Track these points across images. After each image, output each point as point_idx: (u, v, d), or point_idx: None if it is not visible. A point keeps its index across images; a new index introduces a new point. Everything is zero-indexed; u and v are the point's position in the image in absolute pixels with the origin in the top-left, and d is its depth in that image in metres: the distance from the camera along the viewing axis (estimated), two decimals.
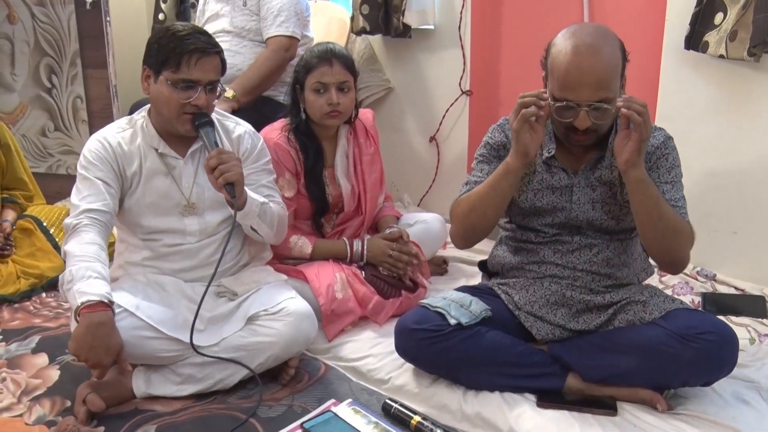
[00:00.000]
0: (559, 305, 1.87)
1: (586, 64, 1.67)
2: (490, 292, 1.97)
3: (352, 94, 2.33)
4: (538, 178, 1.90)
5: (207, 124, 1.92)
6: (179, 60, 1.85)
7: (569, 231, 1.90)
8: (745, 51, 2.25)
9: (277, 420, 1.79)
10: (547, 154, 1.88)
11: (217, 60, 1.92)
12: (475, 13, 3.11)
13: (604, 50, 1.68)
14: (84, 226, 1.84)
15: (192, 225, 2.01)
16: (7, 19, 3.60)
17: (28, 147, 3.69)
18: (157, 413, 1.82)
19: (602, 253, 1.88)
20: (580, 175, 1.87)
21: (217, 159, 1.82)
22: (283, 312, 1.93)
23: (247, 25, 2.97)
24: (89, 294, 1.69)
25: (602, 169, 1.85)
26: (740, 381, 1.86)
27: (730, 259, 2.54)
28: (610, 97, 1.69)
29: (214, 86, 1.93)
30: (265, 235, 2.05)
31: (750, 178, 2.45)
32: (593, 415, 1.73)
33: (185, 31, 1.87)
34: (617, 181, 1.83)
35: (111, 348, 1.69)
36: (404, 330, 1.86)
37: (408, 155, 3.51)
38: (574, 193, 1.87)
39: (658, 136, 1.85)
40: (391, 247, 2.35)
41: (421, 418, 1.72)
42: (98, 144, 1.95)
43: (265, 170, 2.12)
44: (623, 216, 1.86)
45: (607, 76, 1.68)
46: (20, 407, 1.88)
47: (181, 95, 1.87)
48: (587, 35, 1.70)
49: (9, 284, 2.59)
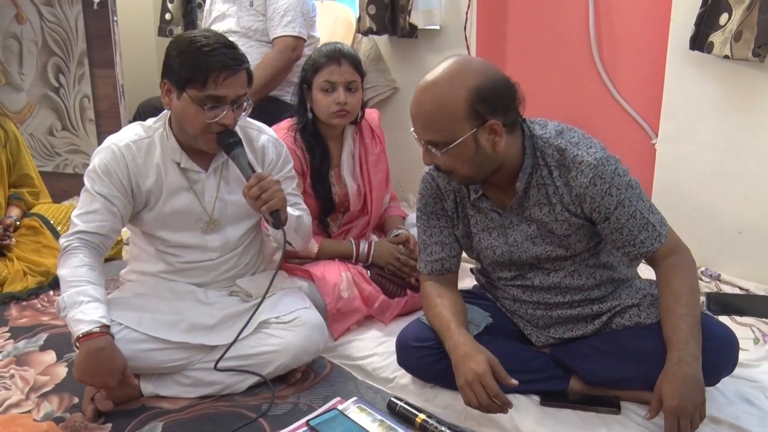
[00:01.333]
0: (549, 324, 1.86)
1: (416, 99, 1.61)
2: (487, 297, 1.97)
3: (359, 94, 2.34)
4: (473, 222, 1.81)
5: (235, 144, 1.83)
6: (206, 78, 1.74)
7: (525, 269, 1.82)
8: (750, 51, 2.25)
9: (283, 417, 1.80)
10: (474, 195, 1.77)
11: (245, 74, 1.81)
12: (481, 14, 3.12)
13: (436, 89, 1.57)
14: (73, 249, 1.80)
15: (214, 241, 1.96)
16: (16, 19, 3.62)
17: (36, 146, 3.71)
18: (164, 410, 1.83)
19: (570, 278, 1.79)
20: (510, 213, 1.76)
21: (259, 188, 1.76)
22: (296, 322, 1.93)
23: (254, 26, 2.98)
24: (84, 322, 1.68)
25: (530, 207, 1.72)
26: (744, 380, 1.86)
27: (735, 258, 2.54)
28: (436, 140, 1.60)
29: (241, 102, 1.83)
30: (297, 245, 2.04)
31: (755, 178, 2.45)
32: (597, 413, 1.74)
33: (210, 46, 1.75)
34: (552, 218, 1.71)
35: (114, 370, 1.69)
36: (405, 347, 1.86)
37: (414, 155, 3.47)
38: (509, 234, 1.77)
39: (585, 171, 1.62)
40: (399, 251, 2.35)
41: (426, 416, 1.73)
42: (110, 155, 1.85)
43: (289, 178, 2.07)
44: (572, 243, 1.73)
45: (429, 116, 1.58)
46: (29, 404, 1.90)
47: (208, 114, 1.77)
48: (434, 72, 1.60)
49: (16, 282, 2.62)
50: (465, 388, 1.61)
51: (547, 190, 1.69)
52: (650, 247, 1.67)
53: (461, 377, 1.62)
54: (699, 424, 1.56)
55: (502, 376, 1.61)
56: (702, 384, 1.56)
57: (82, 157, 3.61)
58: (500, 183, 1.73)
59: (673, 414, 1.53)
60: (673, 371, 1.56)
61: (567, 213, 1.69)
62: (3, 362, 2.12)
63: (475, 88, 1.55)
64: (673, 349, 1.59)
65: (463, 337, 1.68)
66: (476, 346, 1.65)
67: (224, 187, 1.95)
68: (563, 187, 1.67)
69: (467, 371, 1.60)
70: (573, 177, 1.64)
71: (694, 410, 1.54)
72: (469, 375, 1.59)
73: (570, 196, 1.67)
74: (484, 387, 1.58)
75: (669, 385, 1.54)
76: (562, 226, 1.71)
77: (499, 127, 1.59)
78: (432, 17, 3.17)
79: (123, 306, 1.87)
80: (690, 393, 1.53)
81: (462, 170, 1.65)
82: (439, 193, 1.84)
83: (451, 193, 1.82)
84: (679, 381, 1.54)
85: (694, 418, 1.54)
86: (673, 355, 1.57)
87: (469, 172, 1.66)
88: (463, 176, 1.67)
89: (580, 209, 1.67)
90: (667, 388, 1.54)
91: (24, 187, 2.93)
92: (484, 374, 1.58)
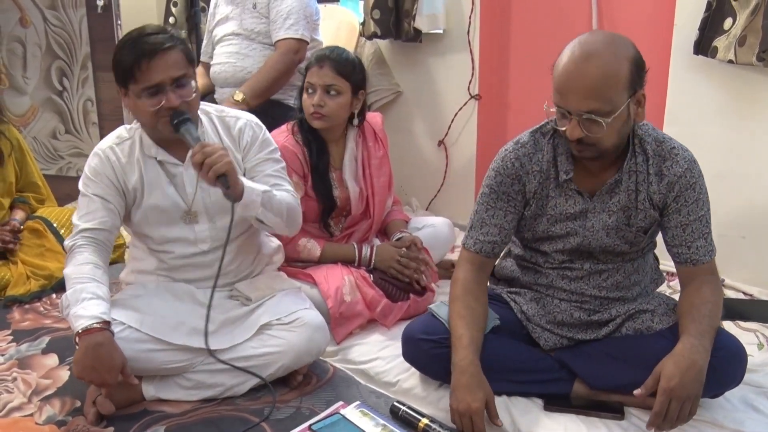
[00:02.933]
0: (566, 322, 1.86)
1: (575, 70, 1.59)
2: (499, 298, 1.96)
3: (340, 99, 2.31)
4: (552, 204, 1.80)
5: (183, 122, 1.81)
6: (132, 70, 1.77)
7: (579, 257, 1.84)
8: (754, 56, 2.25)
9: (285, 422, 1.79)
10: (564, 176, 1.76)
11: (175, 54, 1.80)
12: (485, 18, 3.12)
13: (600, 58, 1.57)
14: (79, 247, 1.82)
15: (202, 232, 1.96)
16: (20, 22, 3.64)
17: (39, 149, 3.72)
18: (166, 414, 1.83)
19: (612, 277, 1.84)
20: (596, 200, 1.77)
21: (202, 154, 1.73)
22: (297, 323, 1.92)
23: (257, 28, 2.98)
24: (84, 317, 1.68)
25: (620, 194, 1.75)
26: (749, 386, 1.85)
27: (739, 263, 2.53)
28: (602, 110, 1.58)
29: (182, 81, 1.82)
30: (275, 225, 1.95)
31: (759, 183, 2.45)
32: (600, 418, 1.73)
33: (131, 39, 1.80)
34: (633, 206, 1.75)
35: (113, 367, 1.68)
36: (411, 339, 1.86)
37: (416, 159, 3.51)
38: (588, 219, 1.78)
39: (680, 162, 1.71)
40: (400, 254, 2.35)
41: (428, 420, 1.72)
42: (96, 159, 1.92)
43: (270, 159, 2.02)
44: (638, 241, 1.79)
45: (597, 85, 1.57)
46: (31, 407, 1.90)
47: (150, 102, 1.79)
48: (589, 43, 1.61)
49: (19, 285, 2.62)
50: (455, 414, 1.67)
51: (638, 177, 1.73)
52: (701, 257, 1.74)
53: (455, 403, 1.67)
54: (687, 419, 1.57)
55: (492, 414, 1.67)
56: (703, 378, 1.57)
57: (85, 160, 3.58)
58: (597, 167, 1.75)
59: (667, 395, 1.54)
60: (681, 353, 1.57)
61: (648, 203, 1.74)
62: (5, 365, 2.12)
63: (633, 57, 1.60)
64: (689, 335, 1.60)
65: (471, 363, 1.70)
66: (479, 378, 1.68)
67: None
68: (654, 176, 1.72)
69: (462, 402, 1.65)
70: (668, 166, 1.71)
71: (687, 399, 1.54)
72: (462, 406, 1.65)
73: (658, 185, 1.72)
74: (473, 423, 1.64)
75: (673, 365, 1.56)
76: (638, 216, 1.75)
77: (644, 97, 1.64)
78: (436, 21, 3.19)
79: (125, 306, 1.87)
80: (690, 380, 1.54)
81: (608, 142, 1.65)
82: (521, 174, 1.80)
83: (537, 174, 1.80)
84: (685, 365, 1.55)
85: (684, 407, 1.55)
86: (687, 341, 1.59)
87: (613, 144, 1.67)
88: (605, 150, 1.67)
89: (662, 200, 1.73)
90: (669, 368, 1.56)
91: (29, 194, 2.93)
92: (476, 412, 1.64)
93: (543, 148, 1.80)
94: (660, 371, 1.57)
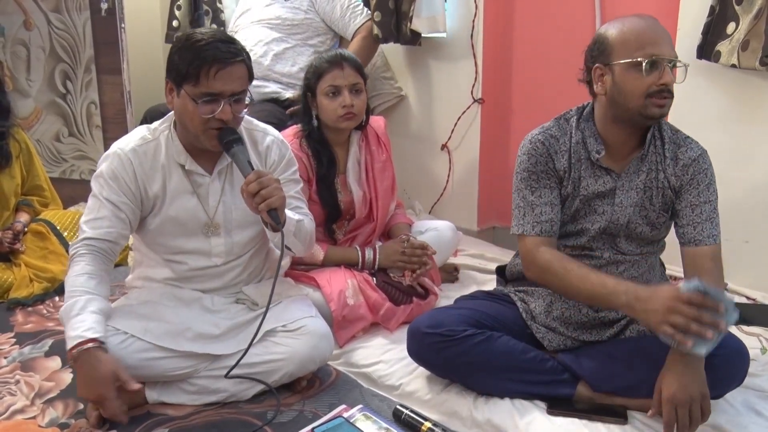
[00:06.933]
0: (573, 319, 1.87)
1: (654, 23, 1.72)
2: (506, 298, 1.96)
3: (364, 96, 2.36)
4: (584, 185, 1.84)
5: (235, 142, 1.79)
6: (198, 72, 1.73)
7: (603, 243, 1.86)
8: (757, 60, 2.25)
9: (288, 425, 1.79)
10: (597, 155, 1.81)
11: (242, 69, 1.79)
12: (488, 22, 3.12)
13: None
14: (79, 256, 1.81)
15: (218, 246, 1.95)
16: (24, 25, 3.64)
17: (43, 152, 3.72)
18: (169, 417, 1.83)
19: (627, 272, 1.86)
20: (623, 178, 1.83)
21: (258, 183, 1.71)
22: (302, 330, 1.91)
23: (296, 17, 3.17)
24: (69, 338, 1.69)
25: (645, 172, 1.83)
26: (751, 390, 1.85)
27: (742, 268, 2.53)
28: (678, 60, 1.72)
29: (240, 97, 1.80)
30: (298, 251, 2.00)
31: (762, 187, 2.45)
32: (603, 423, 1.73)
33: (204, 41, 1.73)
34: (654, 185, 1.82)
35: (102, 379, 1.66)
36: (417, 333, 1.86)
37: (420, 163, 3.51)
38: (617, 196, 1.83)
39: (694, 149, 1.83)
40: (403, 246, 2.35)
41: (431, 424, 1.72)
42: (117, 161, 1.85)
43: (292, 180, 2.04)
44: (659, 222, 1.85)
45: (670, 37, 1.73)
46: (33, 409, 1.90)
47: (204, 109, 1.75)
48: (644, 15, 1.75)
49: (22, 287, 2.62)
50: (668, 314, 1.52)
51: (657, 158, 1.83)
52: (705, 239, 1.79)
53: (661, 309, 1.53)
54: (701, 421, 1.57)
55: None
56: (703, 377, 1.58)
57: (89, 163, 3.63)
58: (629, 142, 1.82)
59: (670, 403, 1.55)
60: (675, 360, 1.59)
61: (666, 183, 1.83)
62: (8, 368, 2.12)
63: None
64: None
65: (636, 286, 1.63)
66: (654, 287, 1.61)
67: (229, 191, 1.93)
68: (670, 160, 1.82)
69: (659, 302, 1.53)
70: (682, 151, 1.83)
71: (692, 402, 1.55)
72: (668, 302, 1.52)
73: (674, 168, 1.82)
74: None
75: (668, 374, 1.58)
76: (658, 196, 1.83)
77: None
78: (436, 24, 3.13)
79: (128, 315, 1.86)
80: (689, 382, 1.55)
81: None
82: (551, 153, 1.84)
83: (566, 153, 1.85)
84: (680, 370, 1.57)
85: (693, 410, 1.55)
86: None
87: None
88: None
89: (678, 182, 1.82)
90: (666, 378, 1.58)
91: (34, 197, 2.94)
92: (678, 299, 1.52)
93: (568, 132, 1.86)
94: (660, 385, 1.59)
